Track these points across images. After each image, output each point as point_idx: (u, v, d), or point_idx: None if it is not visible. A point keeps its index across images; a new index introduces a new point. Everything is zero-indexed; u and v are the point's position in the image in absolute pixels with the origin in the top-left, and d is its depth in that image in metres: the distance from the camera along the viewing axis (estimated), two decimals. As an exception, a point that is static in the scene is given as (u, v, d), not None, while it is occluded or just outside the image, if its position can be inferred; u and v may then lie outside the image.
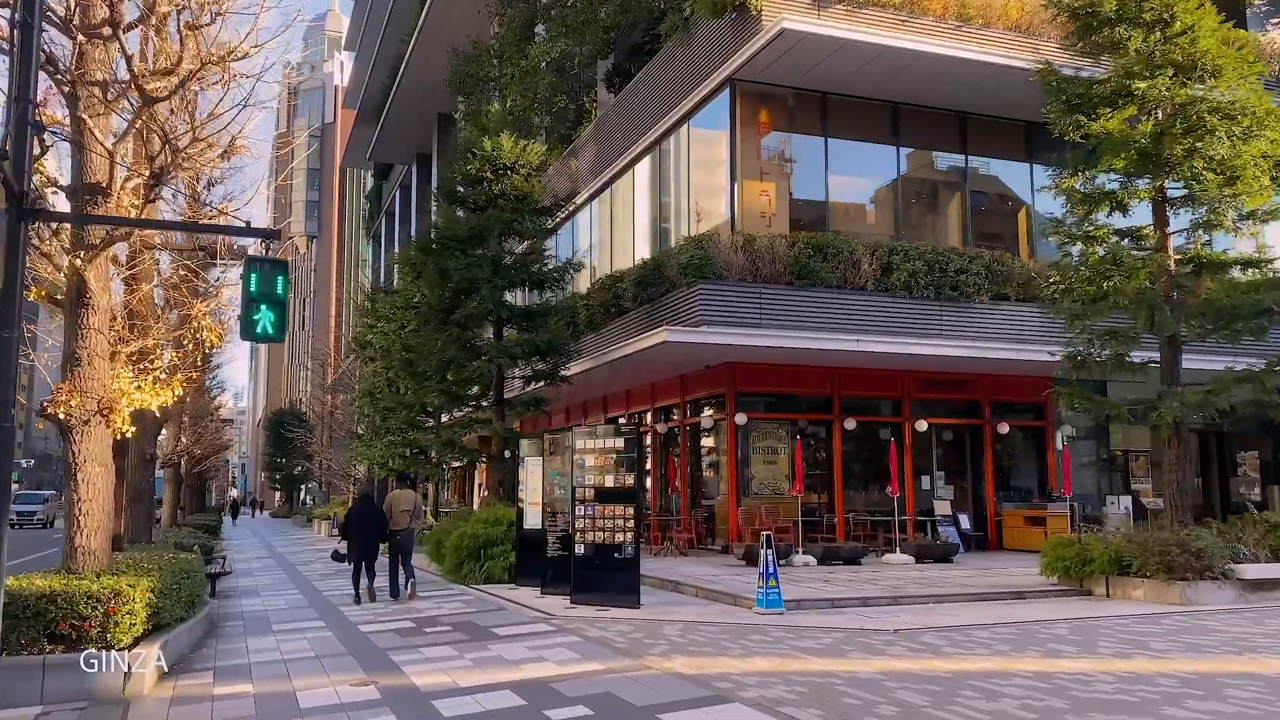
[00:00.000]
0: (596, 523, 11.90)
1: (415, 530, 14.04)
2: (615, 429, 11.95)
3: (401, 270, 24.16)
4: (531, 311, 18.45)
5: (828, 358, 18.50)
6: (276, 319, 7.49)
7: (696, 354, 18.10)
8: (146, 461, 14.54)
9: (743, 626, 9.85)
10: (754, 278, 17.78)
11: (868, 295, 18.51)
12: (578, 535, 12.08)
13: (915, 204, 20.76)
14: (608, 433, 12.07)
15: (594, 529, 11.91)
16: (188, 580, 10.01)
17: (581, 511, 12.06)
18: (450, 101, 40.35)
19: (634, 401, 23.48)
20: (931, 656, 8.09)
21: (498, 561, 14.89)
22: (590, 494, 12.02)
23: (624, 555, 11.65)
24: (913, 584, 13.20)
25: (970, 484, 20.94)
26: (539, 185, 18.79)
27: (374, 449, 26.49)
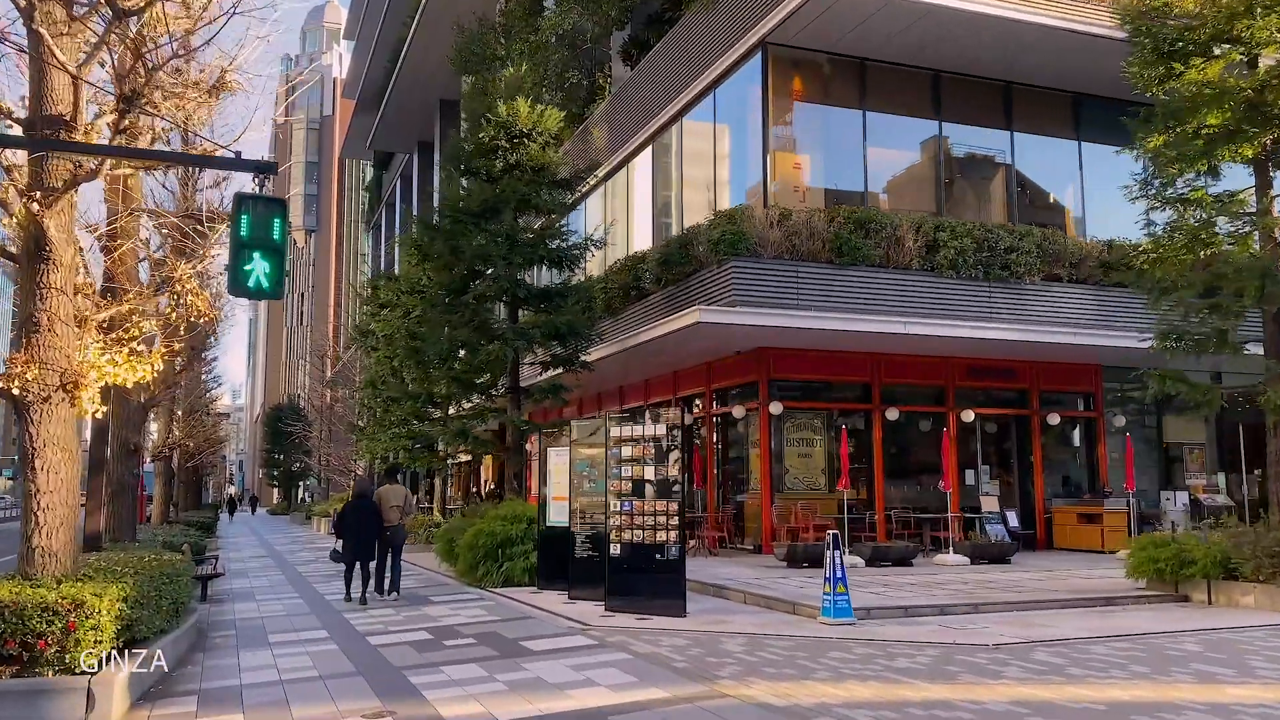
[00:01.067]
0: (634, 520, 10.53)
1: (405, 526, 13.72)
2: (657, 414, 10.58)
3: (406, 253, 22.78)
4: (550, 291, 17.07)
5: (869, 342, 17.14)
6: (272, 270, 6.12)
7: (728, 338, 16.73)
8: (130, 452, 13.17)
9: (817, 641, 8.49)
10: (790, 255, 16.43)
11: (912, 275, 17.17)
12: (613, 534, 10.71)
13: (957, 181, 19.36)
14: (648, 419, 10.69)
15: (631, 526, 10.54)
16: (170, 585, 8.64)
17: (617, 507, 10.69)
18: (454, 87, 39.10)
19: (653, 392, 22.10)
20: (1062, 681, 6.73)
21: (517, 562, 13.52)
22: (628, 487, 10.66)
23: (667, 557, 10.28)
24: (982, 588, 11.85)
25: (1017, 478, 19.58)
26: (557, 156, 17.39)
27: (377, 442, 25.11)
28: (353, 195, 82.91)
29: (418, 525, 22.32)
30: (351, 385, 38.77)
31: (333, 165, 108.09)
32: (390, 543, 13.03)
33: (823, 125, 18.71)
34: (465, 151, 16.84)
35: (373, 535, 12.73)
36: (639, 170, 22.18)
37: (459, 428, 16.41)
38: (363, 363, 34.01)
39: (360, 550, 12.63)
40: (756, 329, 15.72)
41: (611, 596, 10.68)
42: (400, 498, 13.39)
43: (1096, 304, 18.31)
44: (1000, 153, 19.42)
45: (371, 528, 12.70)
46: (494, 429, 21.90)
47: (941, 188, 18.91)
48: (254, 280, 6.07)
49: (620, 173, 22.47)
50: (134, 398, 13.20)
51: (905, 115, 18.87)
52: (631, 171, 22.72)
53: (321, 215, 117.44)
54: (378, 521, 12.80)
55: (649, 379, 22.21)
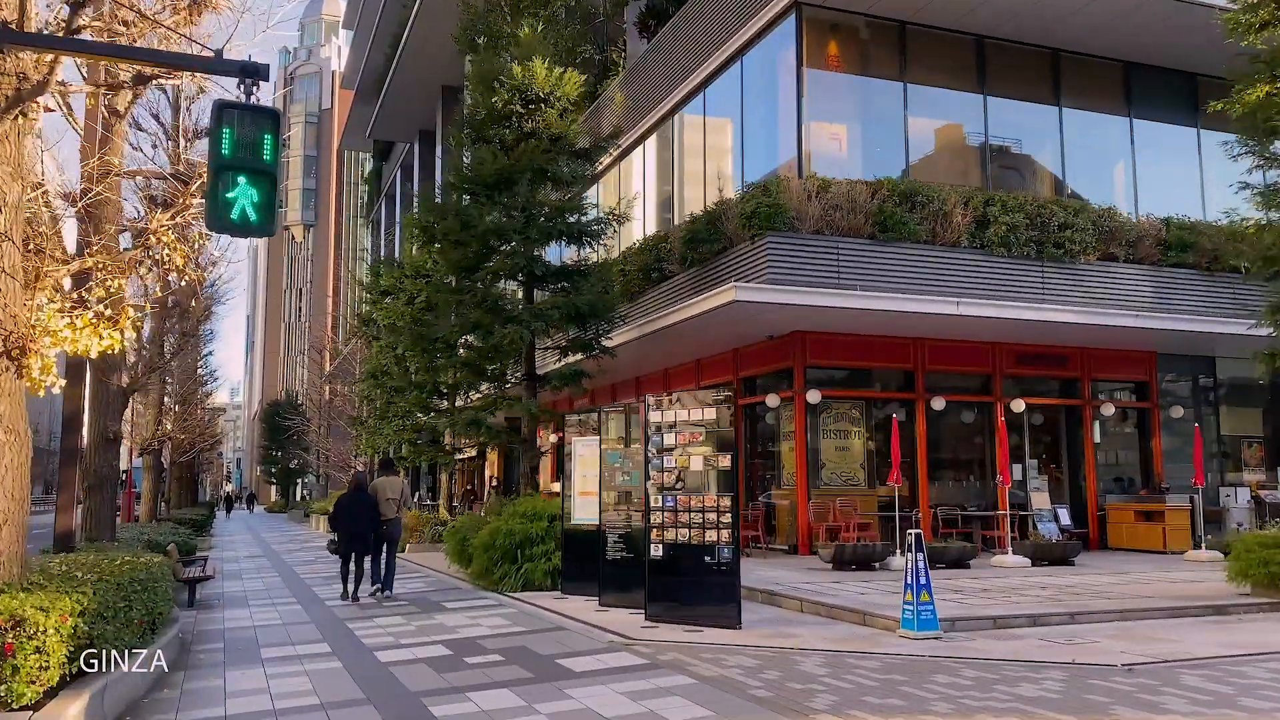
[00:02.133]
0: (680, 517, 9.22)
1: (402, 520, 13.53)
2: (709, 395, 9.26)
3: (411, 234, 21.42)
4: (569, 270, 15.74)
5: (915, 325, 15.86)
6: (262, 198, 4.82)
7: (762, 320, 15.41)
8: (109, 442, 11.85)
9: (910, 661, 7.18)
10: (830, 230, 15.13)
11: (961, 253, 15.87)
12: (654, 533, 9.40)
13: (1003, 156, 18.02)
14: (697, 401, 9.37)
15: (676, 525, 9.23)
16: (144, 594, 7.33)
17: (660, 503, 9.38)
18: (457, 72, 37.76)
19: (674, 382, 20.77)
20: (1247, 717, 5.43)
21: (538, 564, 12.21)
22: (671, 480, 9.35)
23: (719, 560, 8.96)
24: (1065, 594, 10.54)
25: (1066, 473, 18.28)
26: (576, 124, 16.05)
27: (379, 436, 23.78)
28: (351, 190, 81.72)
29: (423, 524, 21.02)
30: (351, 379, 37.46)
31: (331, 159, 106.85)
32: (386, 536, 12.62)
33: (860, 95, 17.41)
34: (477, 118, 15.48)
35: (368, 529, 12.36)
36: (657, 146, 20.87)
37: (471, 417, 15.08)
38: (363, 354, 32.71)
39: (355, 544, 12.28)
40: (796, 309, 14.41)
41: (653, 604, 9.38)
42: (396, 490, 12.98)
43: (1155, 286, 17.02)
44: (1047, 126, 18.11)
45: (367, 521, 12.36)
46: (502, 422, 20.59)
47: (987, 162, 17.60)
48: (238, 211, 4.76)
49: (636, 150, 21.15)
50: (113, 381, 11.89)
51: (947, 85, 17.58)
52: (648, 149, 21.43)
53: (320, 210, 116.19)
54: (373, 515, 12.46)
55: (669, 368, 20.90)
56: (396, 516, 12.91)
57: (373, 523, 12.45)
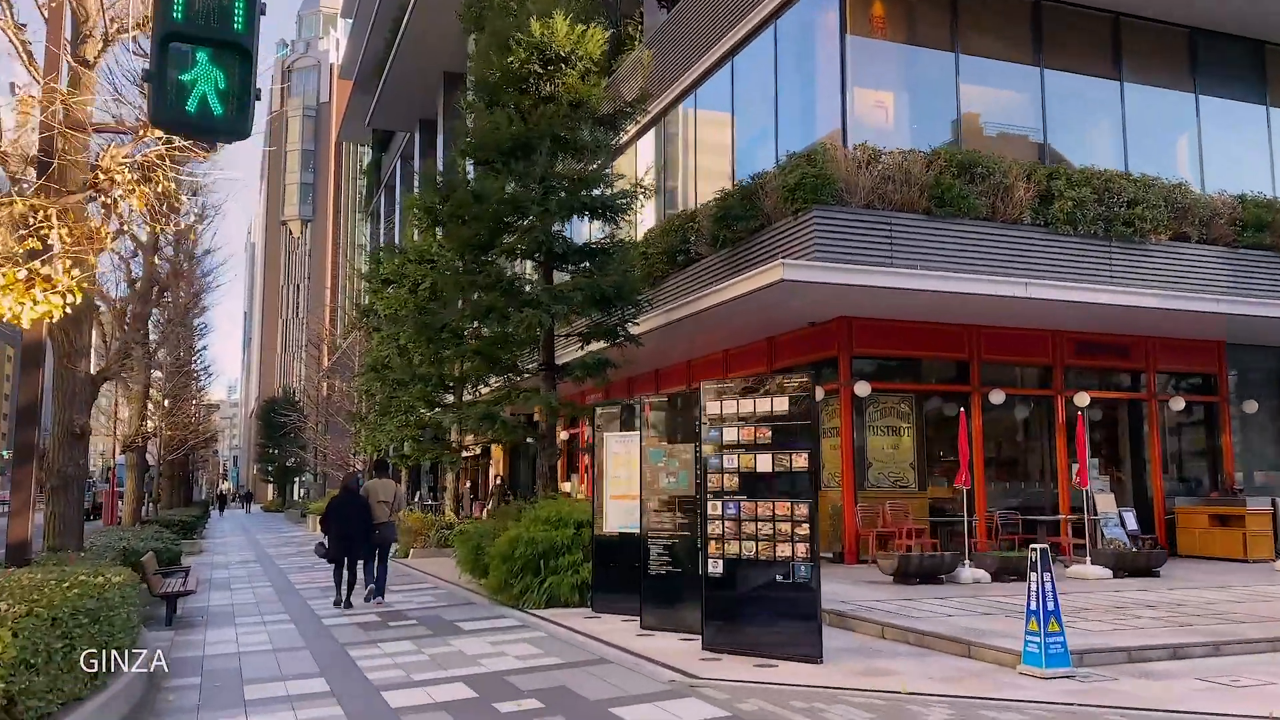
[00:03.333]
0: (745, 527, 7.74)
1: (396, 523, 13.14)
2: (779, 383, 7.78)
3: (414, 217, 19.96)
4: (592, 249, 14.26)
5: (973, 310, 14.40)
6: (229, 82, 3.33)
7: (806, 303, 13.93)
8: (75, 437, 10.35)
9: (1068, 715, 5.70)
10: (882, 204, 13.68)
11: (1023, 230, 14.42)
12: (712, 545, 7.93)
13: (1061, 128, 16.50)
14: (767, 389, 7.88)
15: (740, 536, 7.75)
16: (95, 626, 5.85)
17: (718, 510, 7.91)
18: (459, 58, 36.30)
19: (697, 374, 19.27)
20: None
21: (564, 577, 10.73)
22: (733, 483, 7.87)
23: (794, 578, 7.48)
24: (1182, 614, 9.07)
25: (1129, 473, 16.82)
26: (598, 88, 14.55)
27: (380, 432, 22.29)
28: (350, 184, 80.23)
29: (428, 527, 19.55)
30: (350, 373, 35.99)
31: (329, 153, 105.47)
32: (379, 540, 12.20)
33: (907, 62, 15.93)
34: (491, 80, 13.97)
35: (360, 532, 11.96)
36: (682, 119, 19.38)
37: (484, 411, 13.60)
38: (363, 347, 31.21)
39: (347, 548, 11.91)
40: (846, 291, 12.93)
41: (711, 630, 7.90)
42: (390, 493, 12.54)
43: (1230, 268, 15.58)
44: (1108, 96, 16.63)
45: (359, 524, 11.96)
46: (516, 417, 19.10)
47: (1045, 136, 16.09)
48: (195, 100, 3.28)
49: (659, 123, 19.65)
50: (81, 368, 10.40)
51: (1001, 56, 16.09)
52: (665, 127, 19.94)
53: (318, 204, 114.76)
54: (365, 518, 12.05)
55: (692, 360, 19.43)
56: (390, 520, 12.45)
57: (365, 526, 12.02)
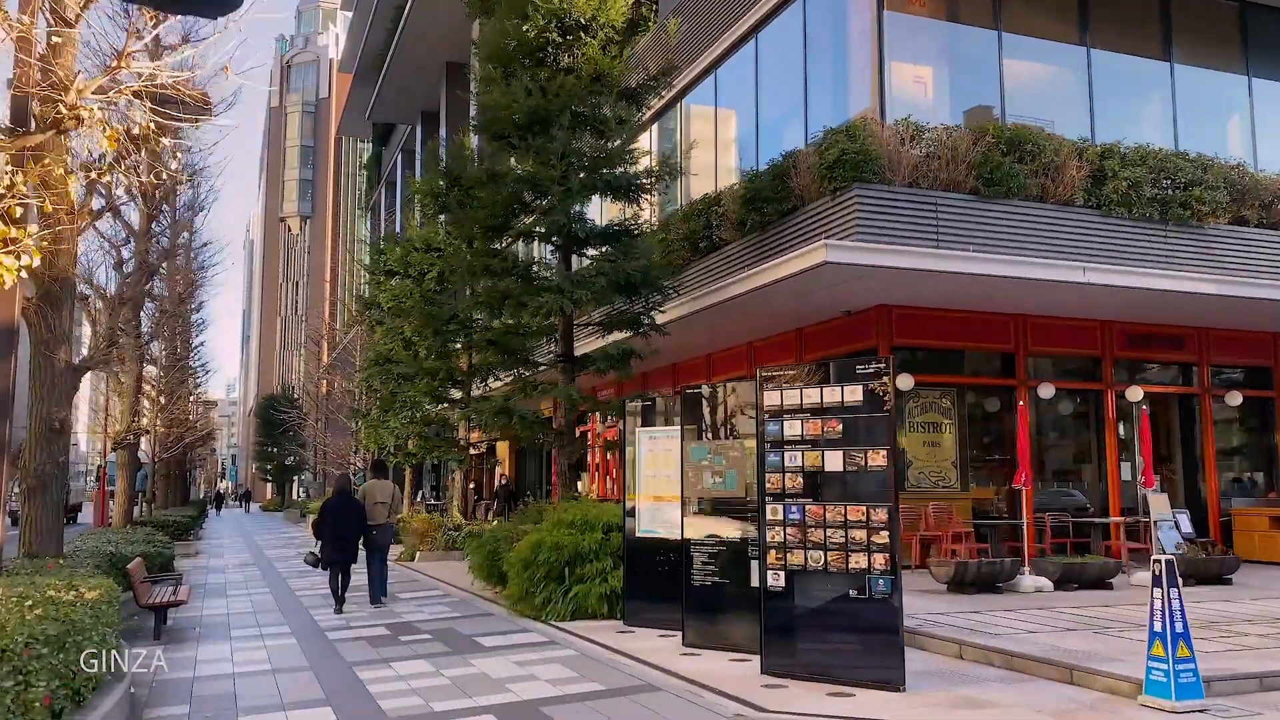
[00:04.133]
0: (810, 534, 6.78)
1: (394, 526, 12.91)
2: (851, 369, 6.80)
3: (421, 203, 19.00)
4: (615, 231, 13.28)
5: (1021, 299, 13.48)
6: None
7: (845, 290, 12.97)
8: (54, 432, 9.38)
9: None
10: (927, 183, 12.74)
11: (1075, 212, 13.48)
12: (771, 555, 6.96)
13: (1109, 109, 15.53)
14: (834, 376, 6.91)
15: (805, 544, 6.79)
16: (58, 656, 4.88)
17: (779, 514, 6.94)
18: (462, 48, 35.40)
19: (718, 369, 18.34)
20: None
21: (592, 586, 9.77)
22: (796, 483, 6.90)
23: (871, 593, 6.52)
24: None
25: (1180, 472, 15.86)
26: (620, 60, 13.56)
27: (383, 428, 21.31)
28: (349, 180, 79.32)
29: (434, 528, 18.59)
30: (351, 369, 35.03)
31: (328, 150, 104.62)
32: (376, 544, 11.99)
33: (945, 35, 14.98)
34: (507, 48, 12.98)
35: (355, 537, 11.66)
36: (702, 99, 18.41)
37: (499, 405, 12.64)
38: (364, 342, 30.25)
39: (341, 553, 11.47)
40: (893, 275, 11.96)
41: (773, 652, 6.94)
42: (387, 494, 12.27)
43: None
44: (1157, 74, 15.67)
45: (353, 528, 11.63)
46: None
47: (1092, 116, 15.11)
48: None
49: (680, 101, 18.67)
50: (60, 356, 9.43)
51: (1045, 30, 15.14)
52: (681, 110, 18.98)
53: (317, 201, 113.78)
54: (360, 521, 11.73)
55: (713, 353, 18.47)
56: (387, 522, 12.20)
57: (360, 529, 11.69)
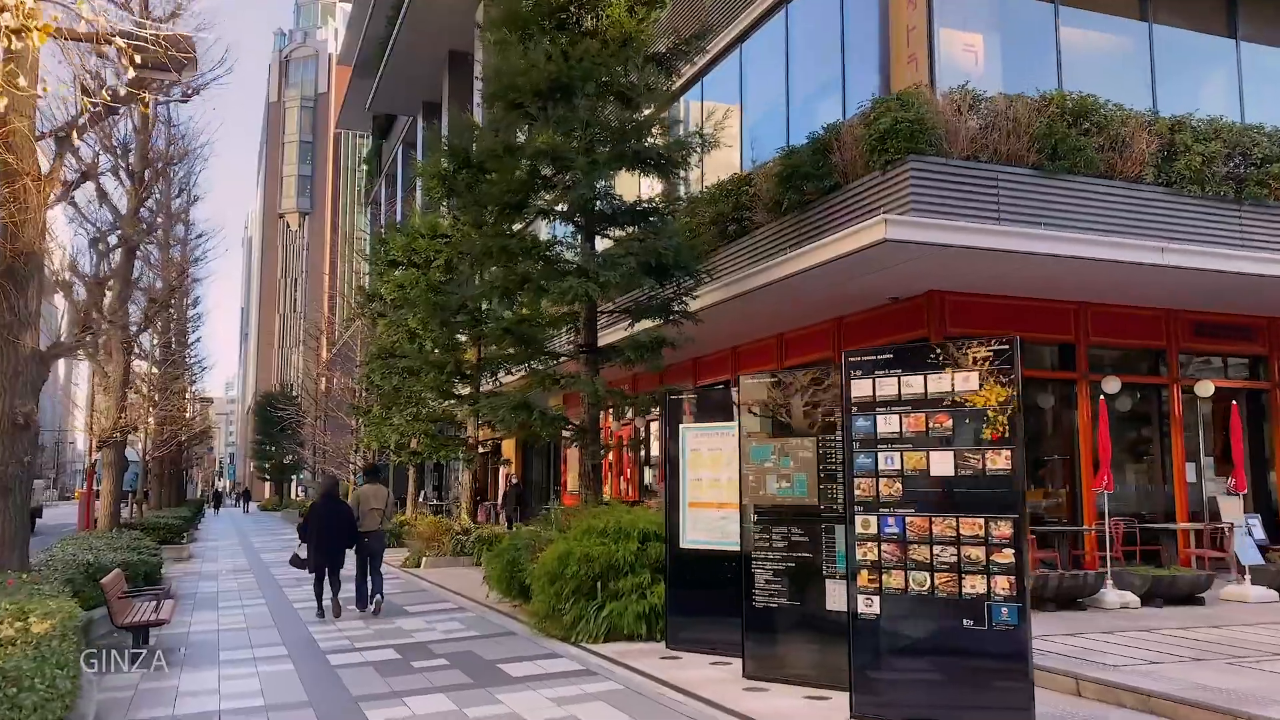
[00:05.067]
0: (911, 552, 5.63)
1: (386, 532, 12.64)
2: (964, 351, 5.65)
3: (427, 187, 17.84)
4: (644, 209, 12.13)
5: (1085, 284, 12.37)
6: None
7: (895, 274, 11.85)
8: (17, 429, 8.23)
9: None
10: (986, 156, 11.61)
11: (1146, 190, 12.33)
12: (862, 575, 5.81)
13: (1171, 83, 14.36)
14: (943, 360, 5.76)
15: (904, 563, 5.65)
16: None
17: (872, 527, 5.79)
18: (465, 35, 34.29)
19: (745, 363, 17.18)
20: None
21: (629, 603, 8.63)
22: (894, 490, 5.75)
23: (991, 623, 5.37)
24: None
25: (1250, 474, 14.69)
26: (649, 23, 12.40)
27: (387, 426, 20.14)
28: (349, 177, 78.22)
29: (441, 533, 17.43)
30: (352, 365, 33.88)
31: (327, 145, 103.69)
32: (369, 549, 11.56)
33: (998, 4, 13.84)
34: (525, 8, 11.81)
35: (342, 541, 11.30)
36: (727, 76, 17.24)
37: (518, 400, 11.47)
38: (365, 336, 29.07)
39: (327, 559, 11.14)
40: (959, 253, 10.80)
41: (865, 691, 5.77)
42: (381, 499, 11.86)
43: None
44: (1221, 48, 14.53)
45: (341, 533, 11.26)
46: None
47: (1154, 91, 13.96)
48: None
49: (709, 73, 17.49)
50: (24, 342, 8.27)
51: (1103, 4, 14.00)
52: (703, 88, 17.82)
53: (316, 197, 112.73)
54: (348, 526, 11.38)
55: (738, 346, 17.30)
56: (379, 528, 11.81)
57: (348, 535, 11.35)
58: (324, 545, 11.12)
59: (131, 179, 15.54)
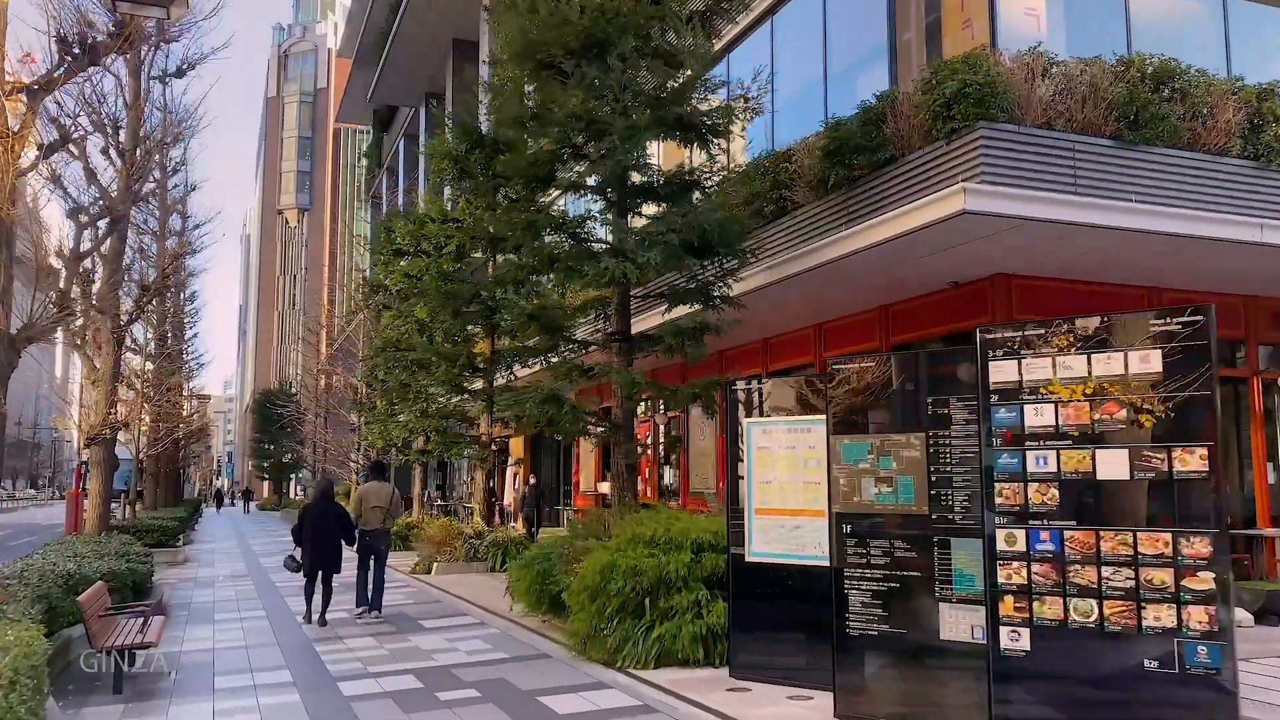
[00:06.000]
0: (1074, 574, 4.53)
1: (390, 531, 12.12)
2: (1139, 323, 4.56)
3: (437, 168, 16.75)
4: (687, 181, 11.03)
5: (1160, 266, 11.29)
6: None
7: (960, 251, 10.75)
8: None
9: None
10: (1061, 123, 10.51)
11: (1233, 163, 11.24)
12: (1007, 603, 4.72)
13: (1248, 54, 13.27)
14: (1111, 333, 4.65)
15: (1063, 589, 4.55)
16: None
17: (1019, 543, 4.69)
18: (469, 23, 33.28)
19: (776, 356, 16.09)
20: None
21: (684, 623, 7.53)
22: (1048, 497, 4.65)
23: (1185, 665, 4.27)
24: None
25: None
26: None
27: (393, 422, 19.01)
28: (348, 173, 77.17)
29: (453, 537, 16.33)
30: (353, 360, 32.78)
31: (327, 140, 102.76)
32: (371, 549, 11.13)
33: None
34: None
35: (336, 545, 10.82)
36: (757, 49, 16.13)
37: (547, 393, 10.35)
38: (369, 330, 27.96)
39: (322, 563, 10.66)
40: (1040, 228, 9.73)
41: (1010, 747, 4.69)
42: (384, 498, 11.38)
43: None
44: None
45: (335, 536, 10.81)
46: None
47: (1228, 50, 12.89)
48: None
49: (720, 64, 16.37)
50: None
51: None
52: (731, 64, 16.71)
53: (315, 193, 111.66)
54: (345, 528, 11.00)
55: (769, 338, 16.17)
56: (383, 528, 11.38)
57: (343, 536, 10.92)
58: (317, 548, 10.67)
59: (122, 157, 14.45)
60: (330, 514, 11.00)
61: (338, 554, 10.84)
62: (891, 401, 5.93)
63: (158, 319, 24.21)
